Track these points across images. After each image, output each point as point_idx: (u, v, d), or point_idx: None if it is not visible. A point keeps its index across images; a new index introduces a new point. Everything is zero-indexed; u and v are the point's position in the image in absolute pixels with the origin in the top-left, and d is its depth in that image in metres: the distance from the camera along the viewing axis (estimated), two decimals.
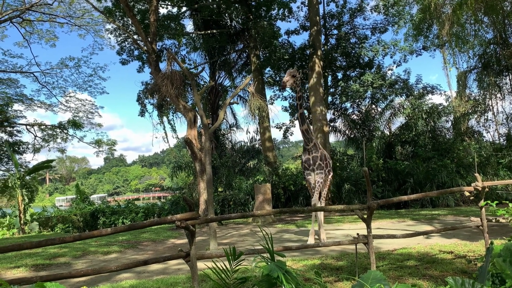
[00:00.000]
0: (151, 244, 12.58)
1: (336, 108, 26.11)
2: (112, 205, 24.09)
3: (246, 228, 15.25)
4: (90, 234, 5.06)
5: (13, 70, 26.42)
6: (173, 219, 5.60)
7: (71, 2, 24.23)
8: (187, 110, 16.41)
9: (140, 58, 23.56)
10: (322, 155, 10.39)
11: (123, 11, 19.36)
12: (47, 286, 2.93)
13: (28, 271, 9.01)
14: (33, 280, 4.51)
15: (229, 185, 20.77)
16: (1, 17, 22.12)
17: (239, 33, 21.70)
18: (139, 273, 8.07)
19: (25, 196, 21.56)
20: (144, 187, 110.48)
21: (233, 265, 4.94)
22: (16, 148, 28.77)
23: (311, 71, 21.30)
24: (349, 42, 24.80)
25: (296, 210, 7.70)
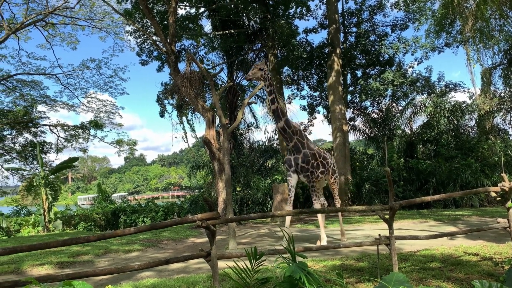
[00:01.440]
0: (171, 243, 12.69)
1: (356, 107, 25.83)
2: (132, 204, 24.45)
3: (265, 228, 15.23)
4: (113, 233, 5.13)
5: (36, 72, 27.05)
6: (194, 218, 5.63)
7: (92, 5, 24.65)
8: (205, 110, 16.50)
9: (159, 58, 23.81)
10: (306, 156, 9.42)
11: (142, 13, 19.59)
12: (74, 284, 2.98)
13: (53, 268, 9.20)
14: (59, 277, 4.60)
15: (247, 185, 20.79)
16: (26, 21, 22.65)
17: (256, 33, 21.68)
18: (160, 271, 8.13)
19: (49, 195, 22.09)
20: (164, 186, 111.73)
21: (254, 265, 4.93)
22: (40, 148, 29.47)
23: (330, 70, 21.13)
24: (369, 39, 24.45)
25: (317, 210, 7.62)
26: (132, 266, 5.44)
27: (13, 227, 21.35)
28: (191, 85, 13.73)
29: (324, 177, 10.10)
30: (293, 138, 9.49)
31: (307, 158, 9.45)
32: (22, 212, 24.32)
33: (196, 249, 10.86)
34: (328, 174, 10.23)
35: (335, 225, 14.28)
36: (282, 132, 9.57)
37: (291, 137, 9.48)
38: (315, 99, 26.98)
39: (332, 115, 21.19)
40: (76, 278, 4.68)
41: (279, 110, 9.38)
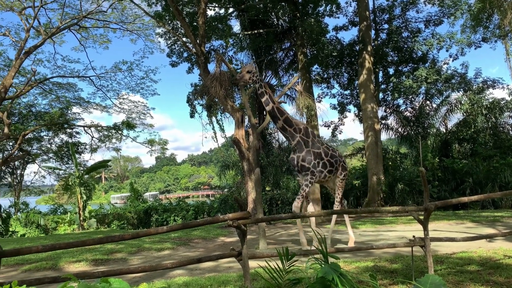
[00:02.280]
0: (201, 242, 12.80)
1: (388, 105, 25.30)
2: (164, 203, 24.85)
3: (295, 228, 15.14)
4: (147, 231, 5.20)
5: (71, 74, 27.93)
6: (225, 218, 5.66)
7: (123, 9, 25.21)
8: (234, 110, 16.56)
9: (189, 60, 24.06)
10: (308, 155, 9.10)
11: (172, 15, 19.85)
12: (111, 281, 3.01)
13: (88, 265, 9.46)
14: (95, 274, 4.71)
15: (277, 184, 20.73)
16: (61, 25, 23.43)
17: (285, 32, 21.55)
18: (191, 270, 8.20)
19: (83, 194, 22.80)
20: (194, 185, 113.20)
21: (286, 266, 4.91)
22: (75, 149, 30.48)
23: (361, 68, 20.78)
24: (401, 36, 23.87)
25: (349, 211, 7.48)
26: (165, 264, 5.51)
27: (50, 225, 22.15)
28: (221, 85, 13.77)
29: (333, 176, 9.77)
30: (296, 136, 9.25)
31: (308, 157, 9.13)
32: (59, 211, 25.18)
33: (227, 248, 10.94)
34: (337, 172, 9.85)
35: (367, 226, 14.05)
36: (282, 132, 9.37)
37: (293, 135, 9.24)
38: (345, 98, 26.65)
39: (363, 114, 20.83)
40: (111, 275, 4.78)
41: (275, 110, 9.15)
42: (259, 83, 9.16)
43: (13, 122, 27.28)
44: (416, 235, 6.03)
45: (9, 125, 22.81)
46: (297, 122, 9.48)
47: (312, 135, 9.46)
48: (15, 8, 22.92)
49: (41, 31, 23.13)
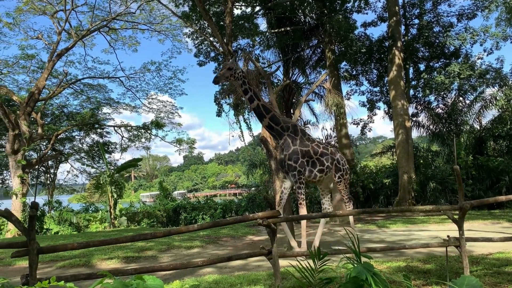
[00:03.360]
0: (230, 240, 12.83)
1: (419, 102, 24.69)
2: (192, 201, 25.08)
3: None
4: (178, 229, 5.23)
5: (101, 76, 28.62)
6: (255, 216, 5.63)
7: (151, 10, 25.62)
8: None
9: (216, 59, 24.20)
10: (295, 154, 8.68)
11: (199, 15, 19.98)
12: (146, 278, 3.02)
13: (120, 262, 9.62)
14: (128, 271, 4.76)
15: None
16: (91, 28, 24.02)
17: (313, 29, 21.33)
18: (220, 268, 8.22)
19: (114, 193, 23.28)
20: (221, 184, 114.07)
21: (318, 265, 4.85)
22: (106, 148, 31.21)
23: (391, 64, 20.33)
24: (432, 31, 23.23)
25: (380, 210, 7.32)
26: (196, 262, 5.52)
27: (82, 222, 22.72)
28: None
29: (325, 176, 9.16)
30: (283, 134, 8.85)
31: (295, 155, 8.70)
32: (90, 209, 25.81)
33: (255, 246, 10.92)
34: (331, 172, 9.24)
35: (398, 225, 13.75)
36: (268, 130, 8.96)
37: (280, 134, 8.86)
38: (375, 95, 26.20)
39: (393, 111, 20.39)
40: (143, 272, 4.82)
41: (261, 108, 8.76)
42: (241, 79, 8.72)
43: (46, 123, 28.18)
44: (450, 235, 5.84)
45: (42, 126, 23.59)
46: (285, 120, 9.10)
47: (301, 133, 9.04)
48: (47, 12, 23.67)
49: (72, 33, 23.79)
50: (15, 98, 23.07)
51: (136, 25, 26.56)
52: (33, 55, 26.25)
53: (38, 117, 23.20)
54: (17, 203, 19.82)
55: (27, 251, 4.03)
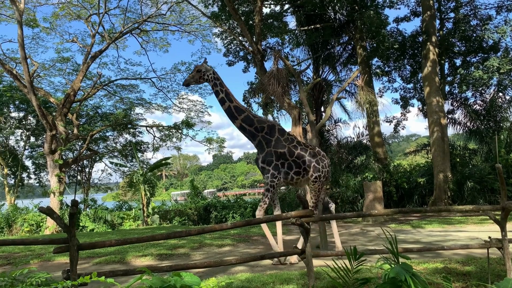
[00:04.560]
0: (261, 239, 12.82)
1: (455, 98, 23.89)
2: (222, 200, 25.23)
3: (356, 227, 14.75)
4: (211, 227, 5.24)
5: (133, 77, 29.24)
6: (288, 216, 5.59)
7: (181, 11, 25.94)
8: (291, 107, 16.35)
9: (245, 58, 24.27)
10: (269, 156, 8.48)
11: (228, 15, 20.07)
12: (183, 275, 3.03)
13: (153, 259, 9.77)
14: (163, 268, 4.80)
15: (336, 183, 20.27)
16: (124, 30, 24.57)
17: (343, 26, 21.03)
18: (252, 266, 8.21)
19: (147, 191, 23.72)
20: (250, 183, 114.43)
21: (354, 265, 4.77)
22: (138, 148, 31.89)
23: (425, 60, 19.74)
24: (469, 24, 22.39)
25: (417, 210, 7.10)
26: (229, 260, 5.51)
27: (116, 220, 23.26)
28: (278, 82, 13.68)
29: (302, 178, 8.86)
30: (256, 136, 8.67)
31: (269, 158, 8.52)
32: (124, 207, 26.38)
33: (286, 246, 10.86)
34: (308, 174, 8.82)
35: (433, 226, 13.35)
36: (242, 132, 8.80)
37: (253, 135, 8.69)
38: (408, 92, 25.59)
39: (428, 108, 19.80)
40: (178, 269, 4.85)
41: (232, 109, 8.66)
42: (212, 81, 8.72)
43: (82, 123, 29.06)
44: (491, 236, 5.59)
45: (78, 126, 24.34)
46: (261, 120, 8.90)
47: (279, 133, 8.76)
48: (82, 16, 24.41)
49: (105, 36, 24.41)
50: (52, 99, 23.90)
51: (167, 27, 26.97)
52: (69, 58, 27.14)
53: (73, 118, 23.94)
54: (54, 201, 20.50)
55: (68, 247, 4.12)
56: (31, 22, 23.65)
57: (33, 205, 23.38)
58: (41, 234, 20.09)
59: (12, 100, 28.01)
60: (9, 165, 28.88)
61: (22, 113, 30.01)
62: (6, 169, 28.51)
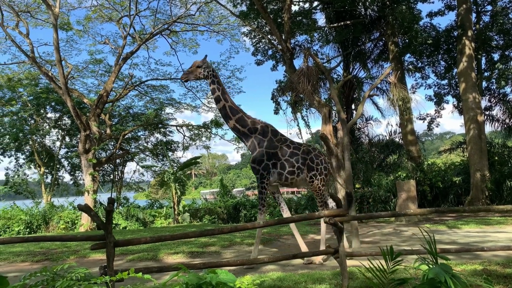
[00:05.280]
0: (291, 238, 12.72)
1: (493, 94, 22.98)
2: (251, 199, 25.25)
3: (389, 227, 14.42)
4: (244, 226, 5.22)
5: (164, 77, 29.67)
6: (321, 215, 5.53)
7: (210, 11, 26.11)
8: (322, 105, 16.16)
9: (273, 57, 24.16)
10: (260, 156, 8.41)
11: (257, 13, 20.04)
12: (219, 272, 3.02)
13: (185, 257, 9.86)
14: (196, 266, 4.81)
15: (367, 182, 19.90)
16: (154, 31, 24.97)
17: (374, 21, 20.58)
18: (283, 266, 8.16)
19: (177, 190, 24.03)
20: None
21: (390, 265, 4.62)
22: (169, 147, 32.38)
23: (460, 55, 19.08)
24: (508, 17, 21.47)
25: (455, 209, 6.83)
26: (262, 259, 5.48)
27: (148, 218, 23.67)
28: (308, 80, 13.54)
29: (297, 178, 8.74)
30: (250, 137, 8.63)
31: (259, 158, 8.44)
32: (155, 205, 26.83)
33: (317, 245, 10.75)
34: (304, 173, 8.71)
35: (470, 226, 12.90)
36: (235, 133, 8.82)
37: (246, 136, 8.65)
38: (442, 88, 24.82)
39: (464, 105, 19.13)
40: (211, 267, 4.85)
41: (227, 109, 8.62)
42: (211, 78, 8.65)
43: (114, 123, 29.75)
44: None
45: (110, 126, 24.94)
46: (254, 121, 8.83)
47: (271, 134, 8.72)
48: (113, 18, 24.99)
49: (136, 37, 24.89)
50: (85, 100, 24.58)
51: (196, 27, 27.22)
52: (101, 60, 27.84)
53: (106, 118, 24.54)
54: (89, 200, 21.06)
55: (105, 244, 4.19)
56: (65, 26, 24.43)
57: (68, 203, 24.11)
58: (76, 231, 20.70)
59: (48, 101, 29.00)
60: (45, 164, 29.92)
61: (57, 114, 31.02)
62: (43, 168, 29.55)
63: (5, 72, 26.21)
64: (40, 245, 11.92)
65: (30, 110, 28.42)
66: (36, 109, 28.97)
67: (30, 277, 3.18)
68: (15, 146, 29.09)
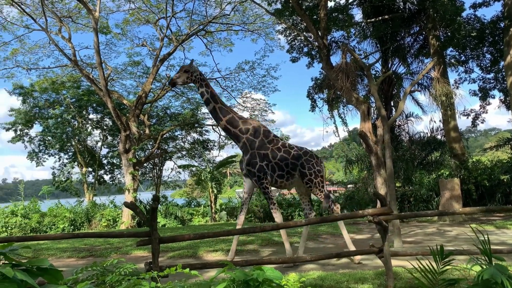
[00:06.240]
0: (330, 238, 12.53)
1: None
2: (287, 197, 25.13)
3: (432, 227, 13.96)
4: (286, 224, 5.16)
5: None
6: (365, 213, 5.46)
7: (245, 10, 26.16)
8: (360, 102, 15.83)
9: (309, 54, 23.90)
10: (253, 158, 8.37)
11: (292, 11, 19.88)
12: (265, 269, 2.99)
13: (224, 255, 9.90)
14: (238, 263, 4.80)
15: (408, 180, 19.31)
16: (190, 32, 25.31)
17: (414, 15, 19.92)
18: (323, 265, 8.04)
19: (214, 188, 24.28)
20: None
21: (440, 265, 4.45)
22: (205, 146, 32.77)
23: (508, 47, 18.15)
24: None
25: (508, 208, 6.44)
26: (304, 257, 5.40)
27: (186, 216, 24.06)
28: (347, 77, 13.32)
29: (287, 182, 8.58)
30: (241, 138, 8.59)
31: (253, 160, 8.37)
32: (193, 203, 27.23)
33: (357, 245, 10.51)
34: (294, 178, 8.56)
35: None
36: (226, 133, 9.00)
37: (238, 137, 8.65)
38: (488, 82, 23.73)
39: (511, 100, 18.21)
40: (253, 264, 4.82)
41: (217, 110, 8.70)
42: (199, 82, 8.80)
43: (152, 124, 30.40)
44: None
45: (149, 127, 25.51)
46: (246, 122, 8.84)
47: (263, 135, 8.65)
48: (150, 20, 25.54)
49: (172, 39, 25.30)
50: (125, 102, 25.26)
51: (231, 27, 27.35)
52: (139, 62, 28.51)
53: (145, 119, 25.12)
54: (129, 198, 21.59)
55: (150, 241, 4.24)
56: (104, 29, 25.19)
57: (109, 201, 24.89)
58: (117, 229, 21.31)
59: (90, 103, 30.06)
60: (87, 164, 31.05)
61: (99, 115, 32.11)
62: (85, 168, 30.68)
63: (49, 76, 27.36)
64: (84, 242, 12.31)
65: (73, 112, 29.55)
66: (79, 111, 30.09)
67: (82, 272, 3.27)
68: (60, 147, 30.38)
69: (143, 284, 2.89)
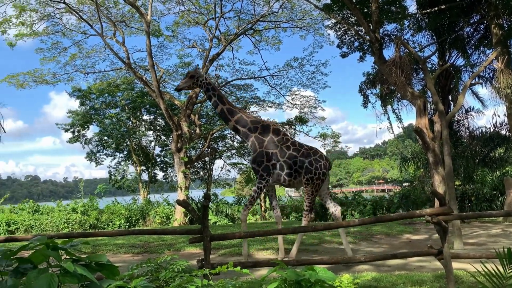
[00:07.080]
0: (384, 238, 12.17)
1: None
2: (339, 197, 24.65)
3: (496, 228, 13.12)
4: (338, 224, 5.03)
5: (248, 76, 30.17)
6: (423, 213, 5.23)
7: (293, 7, 25.92)
8: (415, 97, 15.15)
9: (360, 48, 23.24)
10: (259, 157, 8.47)
11: (342, 5, 19.43)
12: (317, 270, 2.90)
13: (274, 253, 9.89)
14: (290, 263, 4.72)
15: (469, 178, 18.26)
16: (238, 31, 25.52)
17: (474, 3, 18.70)
18: (378, 266, 7.80)
19: None
20: (367, 179, 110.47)
21: (508, 270, 4.12)
22: None
23: None
24: None
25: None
26: (358, 258, 5.23)
27: (236, 214, 24.32)
28: (401, 71, 12.80)
29: (295, 180, 8.68)
30: (250, 136, 8.71)
31: (259, 158, 8.51)
32: (243, 201, 27.47)
33: (413, 245, 10.12)
34: (300, 176, 8.60)
35: None
36: (236, 133, 9.16)
37: (247, 136, 8.79)
38: None
39: None
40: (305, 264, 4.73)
41: (225, 112, 8.82)
42: (205, 86, 8.89)
43: (203, 123, 31.02)
44: None
45: (200, 126, 26.04)
46: (254, 121, 9.03)
47: (273, 133, 8.74)
48: (199, 22, 26.04)
49: (221, 39, 25.64)
50: (176, 102, 25.96)
51: (279, 24, 27.23)
52: (189, 63, 29.13)
53: (196, 119, 25.67)
54: (181, 196, 22.17)
55: (202, 238, 4.28)
56: (156, 32, 25.99)
57: (163, 199, 25.70)
58: (170, 226, 21.95)
59: (143, 104, 31.25)
60: (142, 163, 32.31)
61: (152, 116, 33.29)
62: (140, 167, 31.94)
63: (105, 79, 28.72)
64: (139, 238, 12.78)
65: (128, 113, 30.82)
66: (133, 112, 31.36)
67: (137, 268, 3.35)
68: (116, 146, 31.86)
69: (196, 281, 2.91)
